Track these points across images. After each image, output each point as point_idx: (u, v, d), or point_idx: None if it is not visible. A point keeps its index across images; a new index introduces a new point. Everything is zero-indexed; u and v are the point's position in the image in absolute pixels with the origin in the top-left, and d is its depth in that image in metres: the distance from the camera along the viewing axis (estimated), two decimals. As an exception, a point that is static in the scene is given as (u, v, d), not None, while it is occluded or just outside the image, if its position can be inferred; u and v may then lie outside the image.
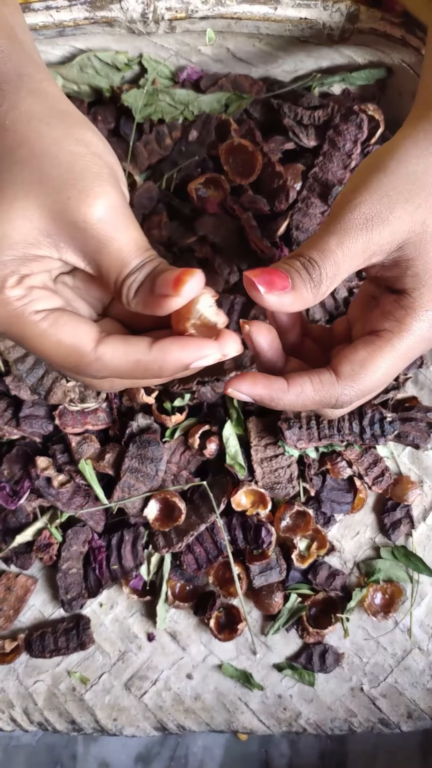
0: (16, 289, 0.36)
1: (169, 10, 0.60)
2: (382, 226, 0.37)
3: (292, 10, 0.60)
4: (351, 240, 0.37)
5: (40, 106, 0.36)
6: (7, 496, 0.61)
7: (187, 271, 0.35)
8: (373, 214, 0.37)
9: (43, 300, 0.37)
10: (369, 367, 0.38)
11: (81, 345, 0.36)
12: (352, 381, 0.39)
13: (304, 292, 0.37)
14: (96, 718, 0.63)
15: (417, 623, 0.64)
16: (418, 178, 0.38)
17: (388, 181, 0.38)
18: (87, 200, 0.35)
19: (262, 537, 0.60)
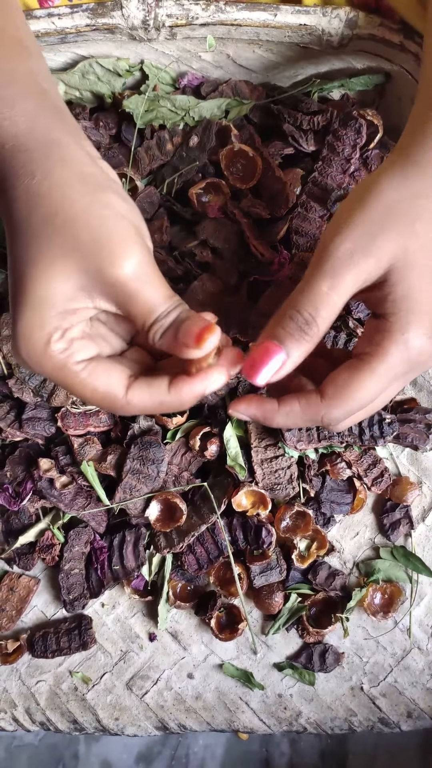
0: (60, 342, 0.40)
1: (169, 17, 0.61)
2: (366, 258, 0.39)
3: (291, 16, 0.61)
4: (340, 278, 0.39)
5: (70, 173, 0.40)
6: (10, 497, 0.62)
7: (208, 328, 0.39)
8: (356, 248, 0.39)
9: (82, 350, 0.41)
10: (349, 389, 0.41)
11: (114, 392, 0.41)
12: (334, 401, 0.41)
13: (302, 351, 0.40)
14: (98, 718, 0.64)
15: (416, 623, 0.64)
16: (395, 209, 0.40)
17: (366, 215, 0.40)
18: (117, 261, 0.38)
19: (263, 537, 0.60)
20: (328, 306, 0.40)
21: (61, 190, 0.39)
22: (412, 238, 0.39)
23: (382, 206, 0.40)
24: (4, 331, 0.62)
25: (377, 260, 0.39)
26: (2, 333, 0.62)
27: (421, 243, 0.40)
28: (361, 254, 0.39)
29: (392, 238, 0.39)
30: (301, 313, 0.40)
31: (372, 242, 0.39)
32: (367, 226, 0.39)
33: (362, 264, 0.39)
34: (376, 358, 0.40)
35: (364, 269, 0.39)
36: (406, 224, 0.39)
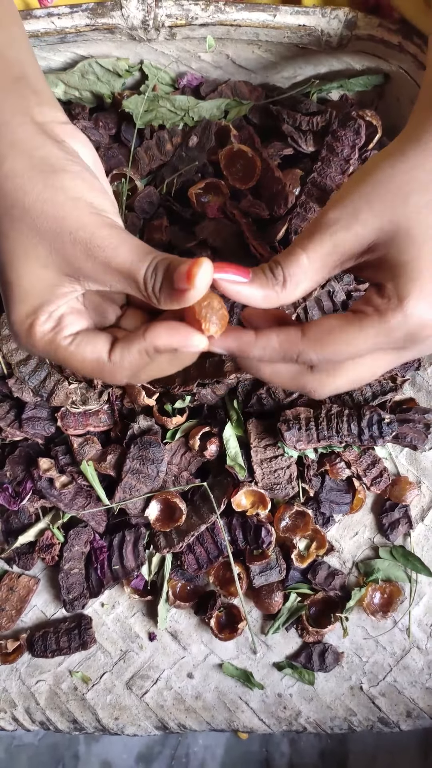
0: (48, 323, 0.41)
1: (169, 17, 0.61)
2: (346, 231, 0.39)
3: (290, 17, 0.61)
4: (315, 244, 0.40)
5: (20, 161, 0.39)
6: (10, 497, 0.62)
7: (195, 262, 0.37)
8: (336, 219, 0.40)
9: (71, 325, 0.41)
10: (332, 335, 0.40)
11: (100, 358, 0.41)
12: (313, 342, 0.40)
13: (265, 288, 0.40)
14: (97, 718, 0.64)
15: (415, 622, 0.64)
16: (386, 182, 0.40)
17: (356, 189, 0.40)
18: (80, 242, 0.39)
19: (262, 537, 0.60)
20: (297, 264, 0.40)
21: (12, 181, 0.39)
22: (404, 208, 0.39)
23: (374, 180, 0.40)
24: (4, 331, 0.62)
25: (356, 235, 0.39)
26: (2, 332, 0.62)
27: (416, 212, 0.39)
28: (342, 225, 0.39)
29: (378, 210, 0.39)
30: (276, 265, 0.40)
31: (355, 215, 0.39)
32: (354, 199, 0.40)
33: (340, 236, 0.39)
34: (370, 318, 0.39)
35: (341, 242, 0.39)
36: (398, 196, 0.39)
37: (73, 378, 0.63)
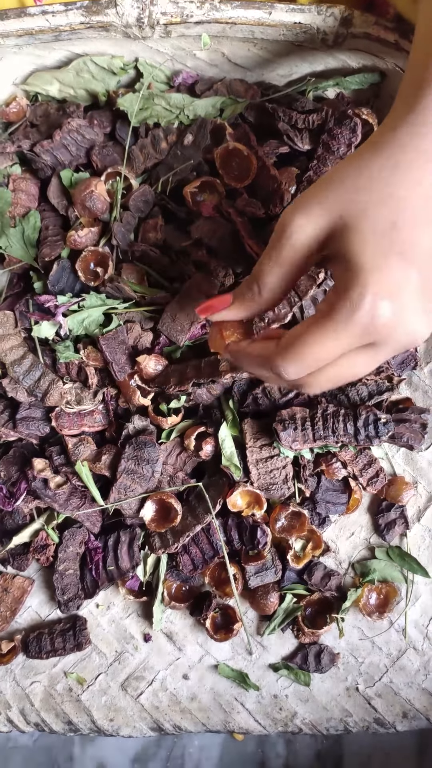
0: None
1: (164, 15, 0.60)
2: (300, 231, 0.42)
3: (286, 14, 0.60)
4: (276, 251, 0.43)
5: None
6: (4, 497, 0.62)
7: None
8: (290, 223, 0.42)
9: None
10: (298, 340, 0.42)
11: None
12: (283, 351, 0.43)
13: (243, 302, 0.47)
14: (93, 719, 0.63)
15: (412, 623, 0.64)
16: (333, 184, 0.42)
17: (308, 193, 0.43)
18: None
19: (258, 538, 0.60)
20: (265, 273, 0.44)
21: None
22: (352, 204, 0.40)
23: (325, 180, 0.42)
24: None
25: (312, 230, 0.41)
26: (-4, 332, 0.62)
27: (363, 207, 0.40)
28: (297, 227, 0.42)
29: (327, 207, 0.41)
30: (251, 279, 0.45)
31: (307, 214, 0.42)
32: (308, 199, 0.42)
33: (296, 236, 0.42)
34: (326, 315, 0.41)
35: (299, 242, 0.42)
36: (346, 193, 0.41)
37: (67, 378, 0.63)
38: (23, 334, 0.63)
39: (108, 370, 0.62)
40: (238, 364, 0.49)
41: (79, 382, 0.63)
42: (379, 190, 0.40)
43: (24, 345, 0.63)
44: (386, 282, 0.39)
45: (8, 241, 0.64)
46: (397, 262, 0.39)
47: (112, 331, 0.61)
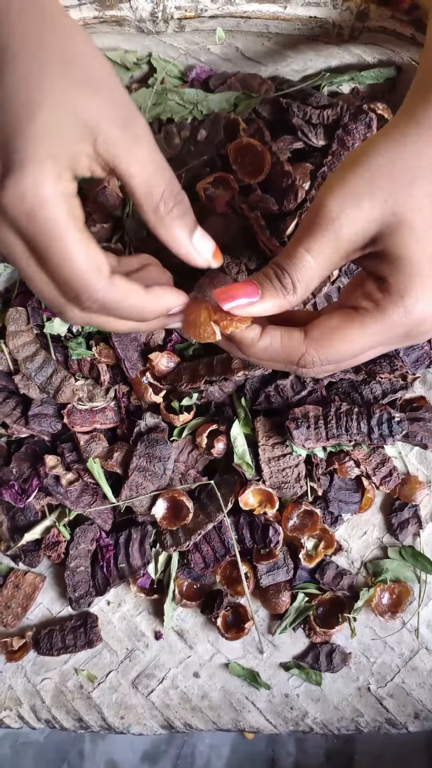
0: (66, 186, 0.36)
1: (178, 9, 0.60)
2: (349, 225, 0.38)
3: (301, 8, 0.60)
4: (318, 243, 0.39)
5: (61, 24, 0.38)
6: (16, 494, 0.62)
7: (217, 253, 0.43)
8: (338, 214, 0.38)
9: (77, 209, 0.37)
10: (336, 335, 0.40)
11: (102, 266, 0.37)
12: (317, 344, 0.40)
13: (276, 299, 0.40)
14: (103, 716, 0.63)
15: (424, 623, 0.63)
16: (388, 170, 0.38)
17: (352, 175, 0.38)
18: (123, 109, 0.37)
19: (270, 536, 0.60)
20: (302, 267, 0.39)
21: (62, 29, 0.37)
22: (407, 200, 0.38)
23: (375, 166, 0.39)
24: (10, 327, 0.62)
25: (362, 230, 0.38)
26: (8, 329, 0.62)
27: (419, 205, 0.38)
28: (345, 221, 0.38)
29: (381, 200, 0.38)
30: (282, 272, 0.40)
31: (357, 205, 0.38)
32: (355, 186, 0.38)
33: (344, 231, 0.38)
34: (372, 315, 0.39)
35: (345, 238, 0.38)
36: (400, 186, 0.38)
37: (79, 374, 0.62)
38: (35, 331, 0.63)
39: (120, 367, 0.62)
40: (253, 358, 0.44)
41: (91, 379, 0.62)
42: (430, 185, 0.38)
43: (36, 341, 0.63)
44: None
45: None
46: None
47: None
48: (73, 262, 0.36)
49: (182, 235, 0.40)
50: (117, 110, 0.37)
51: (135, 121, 0.37)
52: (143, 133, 0.38)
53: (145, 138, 0.38)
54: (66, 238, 0.35)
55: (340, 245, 0.39)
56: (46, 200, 0.34)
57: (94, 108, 0.36)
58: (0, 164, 0.34)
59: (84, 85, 0.36)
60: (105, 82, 0.37)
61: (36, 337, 0.63)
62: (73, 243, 0.36)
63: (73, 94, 0.35)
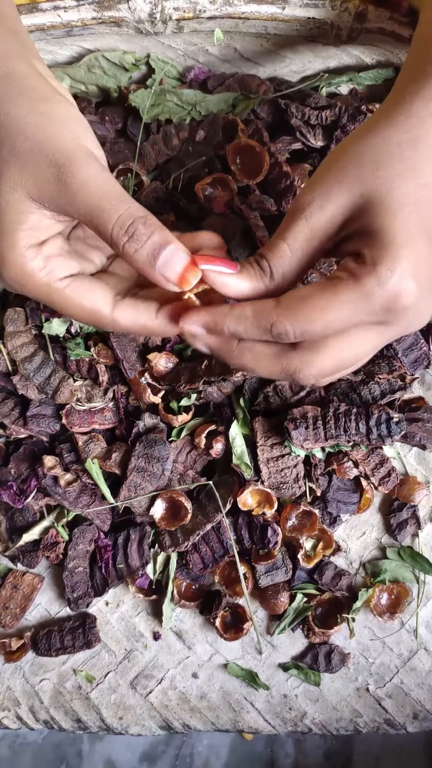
0: (36, 260, 0.41)
1: (176, 10, 0.60)
2: (319, 213, 0.39)
3: (300, 9, 0.60)
4: (292, 232, 0.40)
5: (8, 88, 0.41)
6: (14, 494, 0.62)
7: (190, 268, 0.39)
8: (309, 202, 0.40)
9: (62, 268, 0.42)
10: (307, 302, 0.38)
11: (100, 309, 0.42)
12: (286, 310, 0.39)
13: (251, 278, 0.41)
14: (102, 717, 0.63)
15: (423, 624, 0.63)
16: (354, 160, 0.40)
17: (325, 170, 0.40)
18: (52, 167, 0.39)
19: (268, 537, 0.60)
20: (280, 255, 0.40)
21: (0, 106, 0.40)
22: (374, 181, 0.39)
23: (345, 157, 0.40)
24: (8, 328, 0.62)
25: (331, 216, 0.39)
26: (7, 329, 0.62)
27: (389, 184, 0.39)
28: (315, 207, 0.39)
29: (348, 186, 0.39)
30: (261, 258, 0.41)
31: (326, 195, 0.39)
32: (326, 179, 0.40)
33: (314, 220, 0.39)
34: (344, 283, 0.38)
35: (317, 226, 0.40)
36: (367, 170, 0.39)
37: (78, 375, 0.62)
38: (34, 331, 0.63)
39: (119, 367, 0.62)
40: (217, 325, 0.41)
41: (90, 380, 0.62)
42: (401, 165, 0.39)
43: (35, 342, 0.63)
44: (414, 261, 0.38)
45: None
46: (424, 242, 0.38)
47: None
48: (72, 311, 0.42)
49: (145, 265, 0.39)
50: (46, 169, 0.39)
51: (70, 165, 0.39)
52: (81, 173, 0.39)
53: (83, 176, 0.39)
54: (59, 301, 0.41)
55: (313, 233, 0.40)
56: (30, 274, 0.41)
57: (27, 180, 0.40)
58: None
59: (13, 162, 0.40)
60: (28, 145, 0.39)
61: (34, 338, 0.63)
62: (67, 301, 0.41)
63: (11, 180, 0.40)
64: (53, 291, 0.41)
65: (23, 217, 0.40)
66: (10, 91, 0.41)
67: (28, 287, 0.41)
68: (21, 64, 0.42)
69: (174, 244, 0.39)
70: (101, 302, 0.42)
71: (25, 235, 0.40)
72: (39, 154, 0.39)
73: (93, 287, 0.42)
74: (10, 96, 0.40)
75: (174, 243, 0.39)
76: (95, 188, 0.39)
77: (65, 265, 0.42)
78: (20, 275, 0.41)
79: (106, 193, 0.39)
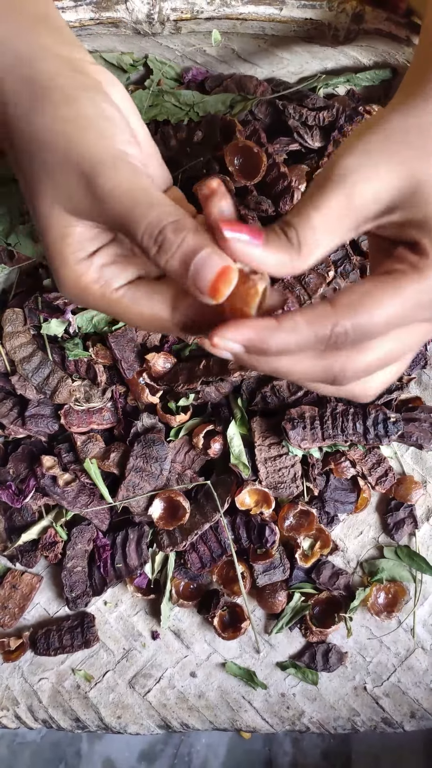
0: (90, 273, 0.39)
1: (174, 11, 0.60)
2: (364, 185, 0.35)
3: (297, 10, 0.60)
4: (327, 201, 0.35)
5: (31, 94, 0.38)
6: (13, 494, 0.62)
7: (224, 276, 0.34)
8: (353, 171, 0.35)
9: (118, 276, 0.39)
10: (367, 300, 0.34)
11: (160, 314, 0.39)
12: (348, 310, 0.34)
13: (278, 250, 0.35)
14: (100, 716, 0.63)
15: (420, 623, 0.64)
16: (399, 136, 0.36)
17: (365, 140, 0.36)
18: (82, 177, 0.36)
19: (266, 536, 0.60)
20: (310, 226, 0.35)
21: (26, 116, 0.38)
22: (426, 163, 0.35)
23: (386, 131, 0.36)
24: (7, 328, 0.62)
25: (377, 188, 0.35)
26: (5, 329, 0.62)
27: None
28: (361, 176, 0.35)
29: (397, 163, 0.35)
30: (289, 227, 0.35)
31: (374, 165, 0.35)
32: (370, 148, 0.35)
33: (357, 189, 0.35)
34: (408, 277, 0.35)
35: (359, 194, 0.35)
36: (416, 149, 0.35)
37: (76, 375, 0.63)
38: (32, 332, 0.63)
39: (117, 367, 0.62)
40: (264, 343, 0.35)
41: (88, 380, 0.63)
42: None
43: (33, 342, 0.63)
44: None
45: (18, 238, 0.64)
46: None
47: (121, 329, 0.61)
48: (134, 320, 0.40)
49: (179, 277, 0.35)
50: (76, 181, 0.37)
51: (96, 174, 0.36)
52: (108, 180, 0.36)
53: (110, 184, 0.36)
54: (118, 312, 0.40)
55: (352, 208, 0.35)
56: (85, 288, 0.39)
57: (60, 194, 0.38)
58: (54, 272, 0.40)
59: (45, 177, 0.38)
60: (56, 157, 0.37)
61: (33, 338, 0.63)
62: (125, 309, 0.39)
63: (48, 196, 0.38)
64: (111, 302, 0.39)
65: (67, 231, 0.38)
66: (33, 98, 0.38)
67: (88, 301, 0.40)
68: (49, 63, 0.39)
69: (207, 248, 0.34)
70: (160, 308, 0.39)
71: (72, 250, 0.39)
72: (66, 165, 0.37)
73: (150, 293, 0.39)
74: (34, 103, 0.38)
75: (207, 247, 0.34)
76: (123, 195, 0.36)
77: (121, 272, 0.40)
78: (77, 290, 0.39)
79: (135, 198, 0.35)
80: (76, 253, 0.39)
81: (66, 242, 0.38)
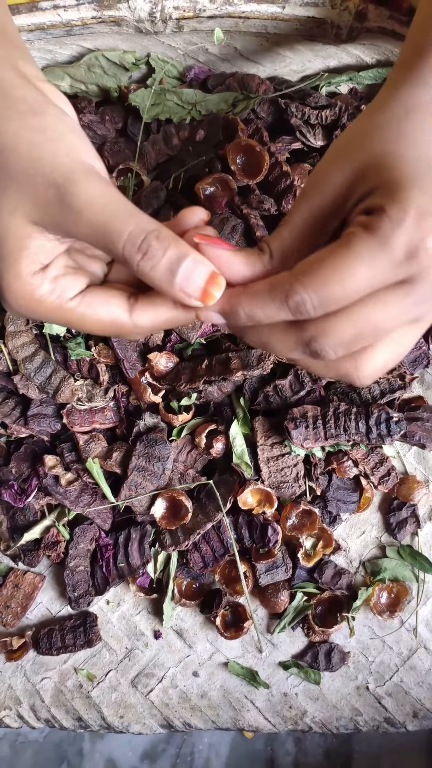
0: (44, 285, 0.39)
1: (176, 9, 0.60)
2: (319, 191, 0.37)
3: (300, 9, 0.60)
4: (290, 215, 0.38)
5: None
6: (16, 494, 0.62)
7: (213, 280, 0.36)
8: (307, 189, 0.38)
9: (71, 286, 0.40)
10: (321, 265, 0.34)
11: (118, 318, 0.40)
12: (302, 276, 0.35)
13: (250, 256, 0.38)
14: (102, 716, 0.63)
15: (423, 622, 0.64)
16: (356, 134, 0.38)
17: (332, 152, 0.39)
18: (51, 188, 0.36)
19: (269, 536, 0.60)
20: (281, 240, 0.38)
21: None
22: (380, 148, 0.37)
23: (355, 132, 0.39)
24: (9, 327, 0.62)
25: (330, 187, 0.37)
26: (7, 329, 0.62)
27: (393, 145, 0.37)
28: (312, 185, 0.38)
29: (354, 156, 0.37)
30: (260, 240, 0.39)
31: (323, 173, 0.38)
32: (326, 158, 0.39)
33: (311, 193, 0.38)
34: (357, 235, 0.34)
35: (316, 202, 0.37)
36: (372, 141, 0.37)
37: (78, 375, 0.62)
38: (35, 331, 0.63)
39: (119, 367, 0.62)
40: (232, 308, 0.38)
41: (90, 379, 0.62)
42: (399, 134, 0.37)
43: (35, 342, 0.63)
44: (429, 198, 0.33)
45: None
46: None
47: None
48: (90, 327, 0.40)
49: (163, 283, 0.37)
50: (45, 191, 0.37)
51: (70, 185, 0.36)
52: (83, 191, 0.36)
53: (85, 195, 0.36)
54: (75, 321, 0.40)
55: (313, 210, 0.38)
56: (39, 300, 0.39)
57: (25, 203, 0.37)
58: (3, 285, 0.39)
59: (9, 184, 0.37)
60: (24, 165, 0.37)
61: (35, 338, 0.63)
62: (81, 317, 0.40)
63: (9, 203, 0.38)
64: (66, 312, 0.39)
65: (25, 243, 0.38)
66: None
67: (39, 313, 0.40)
68: (8, 72, 0.39)
69: (192, 255, 0.36)
70: (117, 311, 0.40)
71: (28, 262, 0.38)
72: (35, 175, 0.37)
73: (106, 298, 0.40)
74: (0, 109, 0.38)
75: (192, 254, 0.36)
76: (100, 206, 0.36)
77: (73, 283, 0.40)
78: (29, 303, 0.39)
79: (112, 210, 0.36)
80: (31, 265, 0.39)
81: (22, 254, 0.38)
